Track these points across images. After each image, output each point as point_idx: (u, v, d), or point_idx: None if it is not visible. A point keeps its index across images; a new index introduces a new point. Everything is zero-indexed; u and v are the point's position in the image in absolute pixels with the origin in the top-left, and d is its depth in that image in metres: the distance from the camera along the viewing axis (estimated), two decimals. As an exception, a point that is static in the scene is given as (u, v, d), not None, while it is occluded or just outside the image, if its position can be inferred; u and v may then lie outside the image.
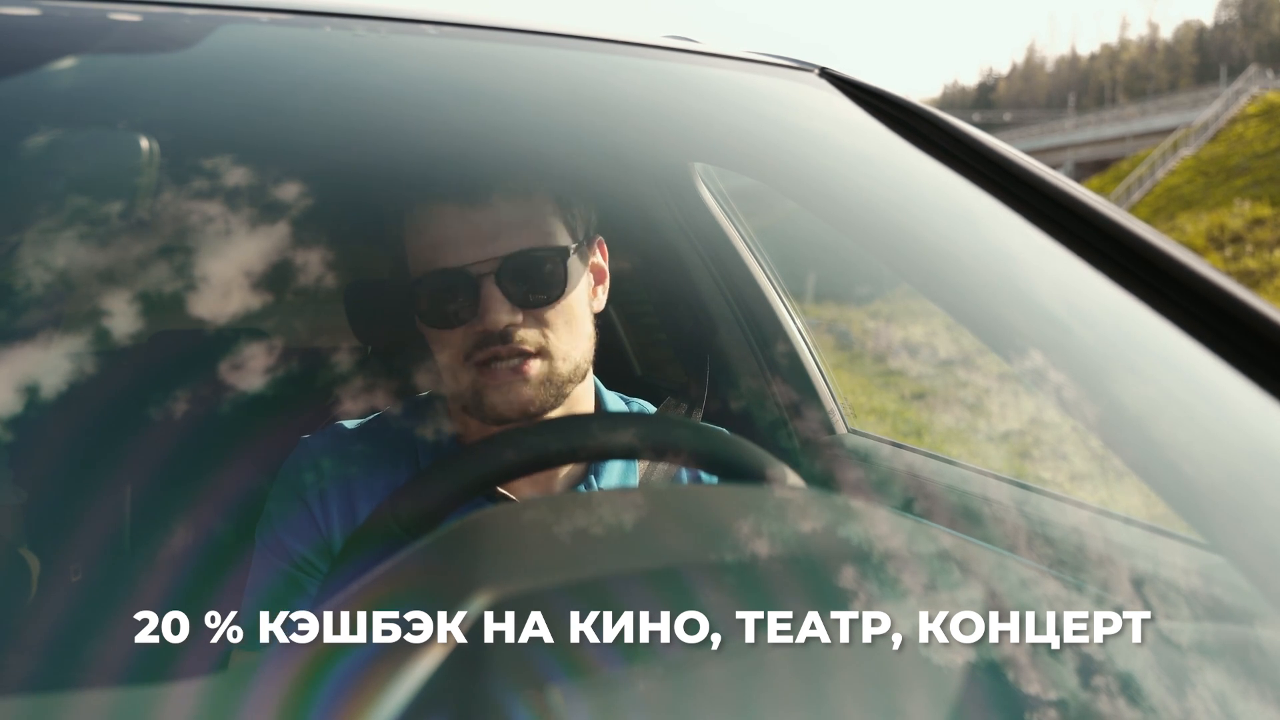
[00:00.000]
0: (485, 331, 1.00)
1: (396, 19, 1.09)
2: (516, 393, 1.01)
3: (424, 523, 0.82)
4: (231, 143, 0.99)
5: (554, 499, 0.95)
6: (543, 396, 1.03)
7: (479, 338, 1.01)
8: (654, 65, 1.24)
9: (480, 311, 1.00)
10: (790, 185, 1.27)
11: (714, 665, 0.53)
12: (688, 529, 0.62)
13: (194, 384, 1.35)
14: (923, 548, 0.64)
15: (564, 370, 1.04)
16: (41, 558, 1.33)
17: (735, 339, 1.81)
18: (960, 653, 0.58)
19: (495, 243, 1.01)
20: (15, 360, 0.92)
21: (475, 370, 1.02)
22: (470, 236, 1.01)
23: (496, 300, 1.00)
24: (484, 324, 1.00)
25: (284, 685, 0.51)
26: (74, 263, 0.91)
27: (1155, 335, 0.85)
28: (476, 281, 1.01)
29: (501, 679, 0.48)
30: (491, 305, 1.00)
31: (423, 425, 1.13)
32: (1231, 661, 0.64)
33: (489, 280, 1.01)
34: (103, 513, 1.37)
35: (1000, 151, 1.05)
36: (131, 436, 1.36)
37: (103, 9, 0.96)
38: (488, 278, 1.01)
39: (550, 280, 1.03)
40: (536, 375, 1.02)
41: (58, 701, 0.58)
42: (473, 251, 1.01)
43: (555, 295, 1.04)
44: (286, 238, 0.92)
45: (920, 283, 1.04)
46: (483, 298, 1.00)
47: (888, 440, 1.71)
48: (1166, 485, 0.80)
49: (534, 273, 1.03)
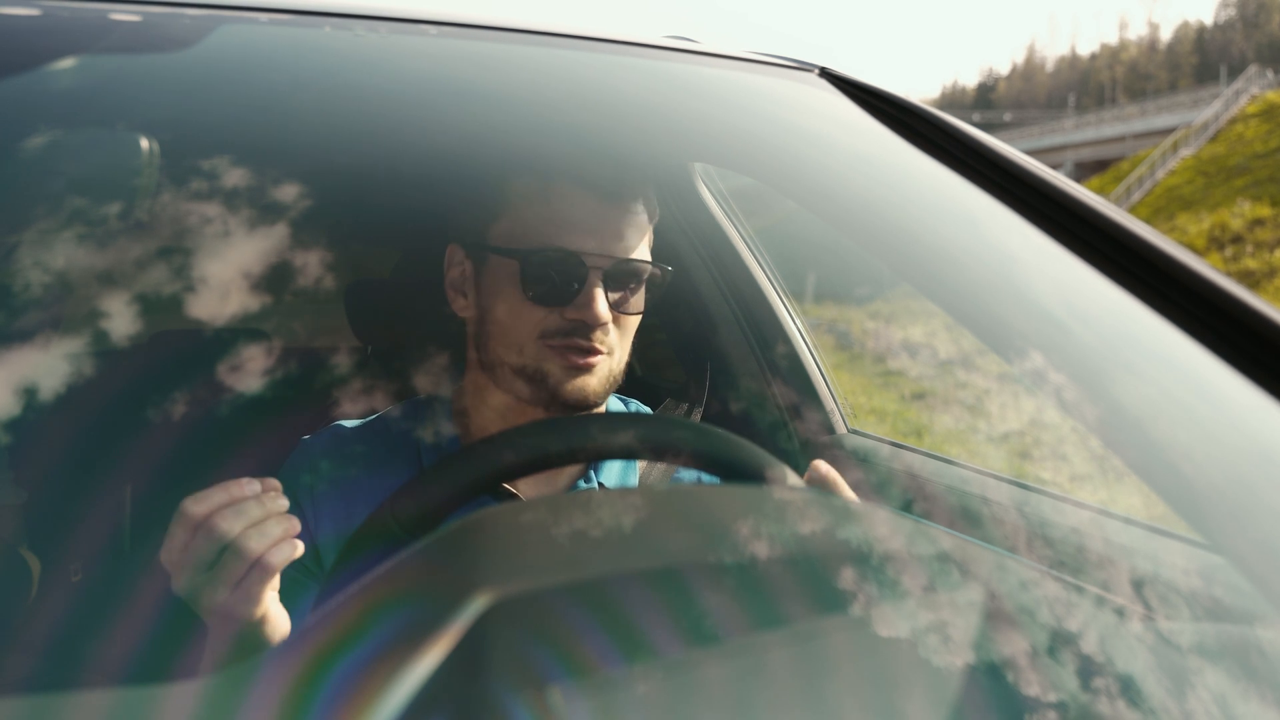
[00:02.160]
0: (579, 321, 1.03)
1: (396, 19, 1.09)
2: (584, 382, 1.05)
3: (424, 523, 0.82)
4: (231, 143, 0.99)
5: (554, 499, 0.95)
6: (599, 394, 1.07)
7: (569, 324, 1.04)
8: (654, 65, 1.24)
9: (582, 301, 1.03)
10: (790, 185, 1.27)
11: (714, 665, 0.53)
12: (688, 529, 0.62)
13: (194, 384, 1.35)
14: (922, 548, 0.64)
15: (619, 372, 1.09)
16: (41, 558, 1.33)
17: (735, 339, 1.81)
18: (960, 653, 0.58)
19: (615, 242, 1.05)
20: (16, 360, 0.92)
21: (548, 350, 1.04)
22: (595, 228, 1.04)
23: (599, 296, 1.03)
24: (582, 314, 1.03)
25: (284, 685, 0.51)
26: (74, 263, 0.91)
27: (1155, 335, 0.85)
28: (587, 272, 1.03)
29: (501, 679, 0.48)
30: (596, 299, 1.03)
31: (424, 426, 1.13)
32: (1231, 662, 0.64)
33: (598, 275, 1.04)
34: (103, 513, 1.37)
35: (1000, 151, 1.05)
36: (131, 437, 1.36)
37: (103, 9, 0.96)
38: (598, 272, 1.04)
39: (641, 290, 1.09)
40: (601, 373, 1.06)
41: (58, 701, 0.58)
42: (593, 243, 1.04)
43: (640, 308, 1.09)
44: (286, 238, 0.92)
45: (920, 283, 1.04)
46: (588, 289, 1.03)
47: (888, 440, 1.71)
48: (1166, 485, 0.80)
49: (637, 283, 1.08)
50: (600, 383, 1.06)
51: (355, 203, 1.56)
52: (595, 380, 1.06)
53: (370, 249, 2.16)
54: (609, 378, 1.07)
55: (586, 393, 1.05)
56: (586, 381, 1.05)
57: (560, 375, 1.05)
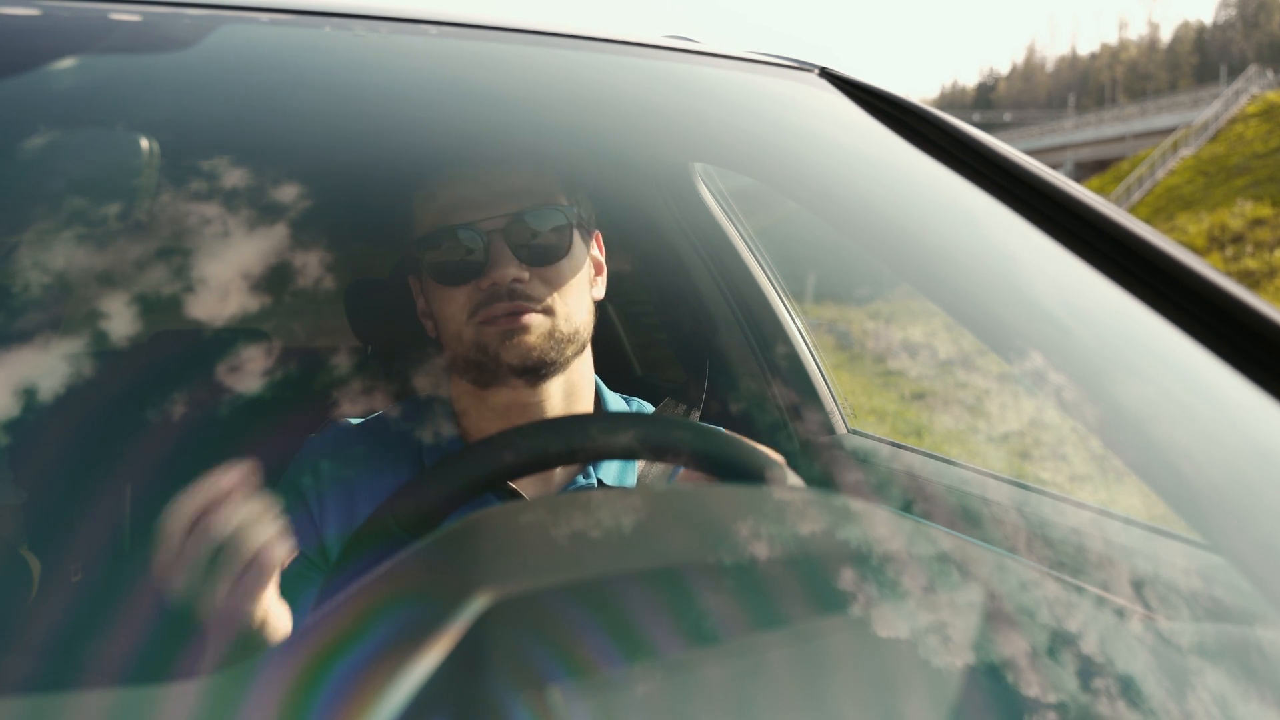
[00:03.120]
0: (493, 285, 1.02)
1: (396, 19, 1.09)
2: (520, 340, 1.03)
3: (424, 523, 0.82)
4: (231, 143, 0.99)
5: (554, 499, 0.95)
6: (545, 348, 1.04)
7: (486, 293, 1.03)
8: (654, 65, 1.24)
9: (488, 267, 1.02)
10: (790, 185, 1.27)
11: (714, 665, 0.52)
12: (688, 529, 0.62)
13: (194, 384, 1.35)
14: (922, 548, 0.64)
15: (565, 329, 1.06)
16: (41, 558, 1.33)
17: (735, 339, 1.81)
18: (960, 654, 0.58)
19: (506, 201, 1.04)
20: (16, 360, 0.92)
21: (480, 326, 1.04)
22: (481, 196, 1.04)
23: (505, 255, 1.02)
24: (491, 278, 1.02)
25: (284, 685, 0.51)
26: (74, 263, 0.91)
27: (1155, 335, 0.85)
28: (486, 237, 1.03)
29: (501, 679, 0.48)
30: (500, 259, 1.02)
31: (426, 425, 1.13)
32: (1231, 662, 0.64)
33: (498, 236, 1.03)
34: (103, 513, 1.37)
35: (1000, 151, 1.05)
36: (131, 437, 1.36)
37: (103, 9, 0.96)
38: (496, 234, 1.03)
39: (556, 239, 1.06)
40: (539, 327, 1.04)
41: (58, 701, 0.58)
42: (484, 209, 1.03)
43: (560, 253, 1.06)
44: (287, 238, 0.92)
45: (920, 283, 1.04)
46: (491, 252, 1.02)
47: (888, 441, 1.71)
48: (1166, 485, 0.80)
49: (541, 229, 1.05)
50: (541, 338, 1.03)
51: (355, 203, 1.55)
52: (534, 336, 1.03)
53: (370, 249, 2.15)
54: (552, 330, 1.04)
55: (526, 350, 1.03)
56: (523, 340, 1.03)
57: (497, 343, 1.03)
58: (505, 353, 1.03)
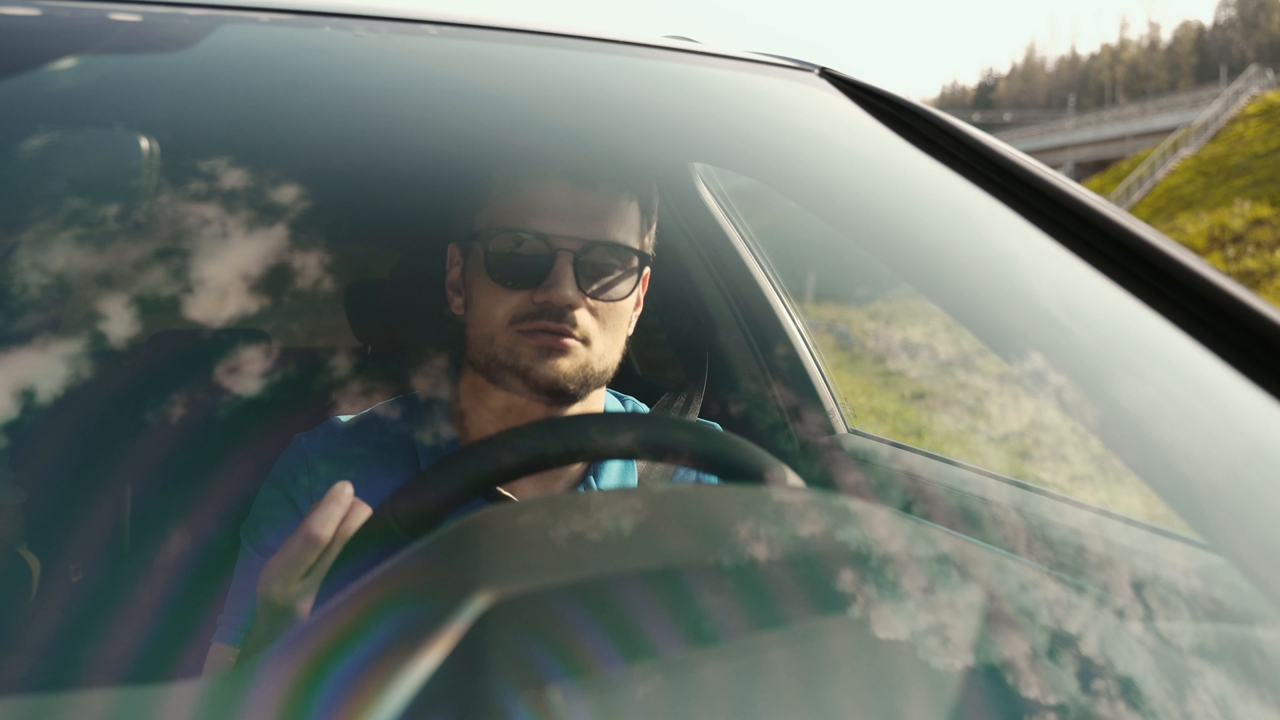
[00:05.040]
0: (546, 303, 1.01)
1: (396, 19, 1.09)
2: (554, 364, 1.02)
3: (424, 523, 0.81)
4: (231, 143, 0.99)
5: (554, 499, 0.95)
6: (574, 379, 1.04)
7: (537, 307, 1.02)
8: (654, 65, 1.24)
9: (549, 283, 1.01)
10: (790, 185, 1.27)
11: (714, 666, 0.52)
12: (688, 529, 0.62)
13: (194, 384, 1.35)
14: (922, 549, 0.64)
15: (597, 367, 1.06)
16: (41, 558, 1.33)
17: (735, 339, 1.81)
18: (960, 654, 0.58)
19: (588, 225, 1.03)
20: (16, 360, 0.92)
21: (519, 335, 1.03)
22: (567, 210, 1.03)
23: (568, 277, 1.01)
24: (548, 295, 1.01)
25: (284, 685, 0.51)
26: (74, 263, 0.91)
27: (1155, 335, 0.85)
28: (555, 254, 1.02)
29: (501, 679, 0.48)
30: (562, 280, 1.01)
31: (419, 424, 1.13)
32: (1232, 662, 0.64)
33: (567, 257, 1.02)
34: (103, 513, 1.37)
35: (1000, 151, 1.05)
36: (131, 437, 1.36)
37: (103, 9, 0.96)
38: (566, 254, 1.02)
39: (621, 279, 1.06)
40: (577, 357, 1.03)
41: (58, 701, 0.58)
42: (563, 226, 1.02)
43: (620, 295, 1.06)
44: (286, 238, 0.92)
45: (920, 283, 1.04)
46: (556, 271, 1.01)
47: (888, 441, 1.71)
48: (1166, 485, 0.80)
49: (611, 266, 1.05)
50: (575, 367, 1.03)
51: (354, 203, 1.56)
52: (568, 363, 1.03)
53: (370, 249, 2.16)
54: (585, 365, 1.04)
55: (558, 375, 1.02)
56: (558, 363, 1.02)
57: (531, 358, 1.02)
58: (536, 368, 1.02)
